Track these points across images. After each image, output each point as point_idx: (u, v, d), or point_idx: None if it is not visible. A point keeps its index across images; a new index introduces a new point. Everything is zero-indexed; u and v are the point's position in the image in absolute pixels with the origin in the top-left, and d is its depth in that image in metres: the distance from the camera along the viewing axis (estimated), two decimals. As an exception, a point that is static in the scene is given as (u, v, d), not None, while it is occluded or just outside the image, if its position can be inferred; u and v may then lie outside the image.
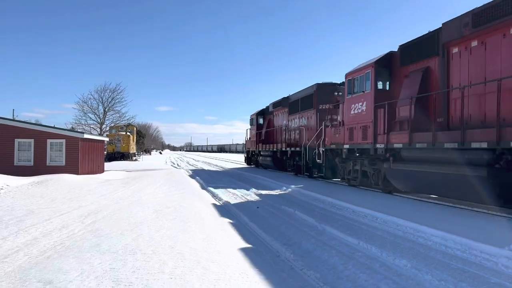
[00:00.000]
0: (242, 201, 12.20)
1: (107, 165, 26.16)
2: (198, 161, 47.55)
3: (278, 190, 14.64)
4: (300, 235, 7.44)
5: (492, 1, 8.50)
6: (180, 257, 5.29)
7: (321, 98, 18.36)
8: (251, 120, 30.38)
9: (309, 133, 18.86)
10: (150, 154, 75.78)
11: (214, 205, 11.12)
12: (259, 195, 13.47)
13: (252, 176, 21.00)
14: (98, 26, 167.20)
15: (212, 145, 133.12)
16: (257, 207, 10.76)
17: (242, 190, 14.82)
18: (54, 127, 20.71)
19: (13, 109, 74.89)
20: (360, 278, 5.04)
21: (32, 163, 18.35)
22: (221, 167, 31.35)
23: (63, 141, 18.75)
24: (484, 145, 8.12)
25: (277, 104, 24.75)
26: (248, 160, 32.08)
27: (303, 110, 20.21)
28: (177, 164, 38.44)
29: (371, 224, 8.25)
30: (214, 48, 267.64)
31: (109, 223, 7.79)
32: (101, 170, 21.96)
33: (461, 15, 9.35)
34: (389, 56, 12.54)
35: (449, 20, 9.70)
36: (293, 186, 14.80)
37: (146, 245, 5.88)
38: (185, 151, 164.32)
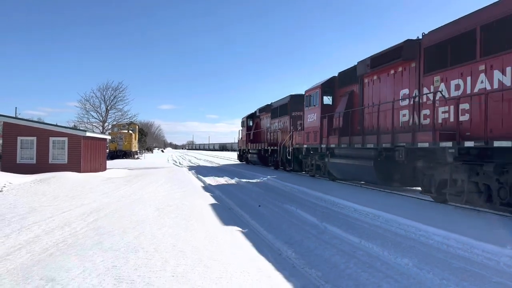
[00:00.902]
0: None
1: (109, 163, 26.22)
2: (200, 159, 47.63)
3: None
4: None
5: (379, 52, 12.68)
6: (182, 255, 5.31)
7: (293, 107, 21.98)
8: (242, 122, 34.26)
9: (284, 134, 22.79)
10: (152, 153, 75.91)
11: (216, 203, 11.13)
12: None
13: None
14: (101, 24, 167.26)
15: (214, 144, 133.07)
16: (259, 206, 10.78)
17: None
18: (56, 125, 20.79)
19: (16, 107, 75.11)
20: (361, 276, 5.04)
21: (34, 161, 18.41)
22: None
23: (66, 139, 18.80)
24: (372, 145, 12.31)
25: (262, 110, 28.80)
26: (240, 157, 36.34)
27: (280, 116, 24.37)
28: (179, 163, 38.50)
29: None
30: (215, 47, 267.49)
31: (111, 221, 7.82)
32: (103, 168, 22.02)
33: (365, 58, 13.47)
34: (332, 79, 16.72)
35: (360, 60, 13.90)
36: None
37: (148, 243, 5.90)
38: (187, 149, 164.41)
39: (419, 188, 11.17)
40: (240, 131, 35.32)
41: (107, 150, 33.25)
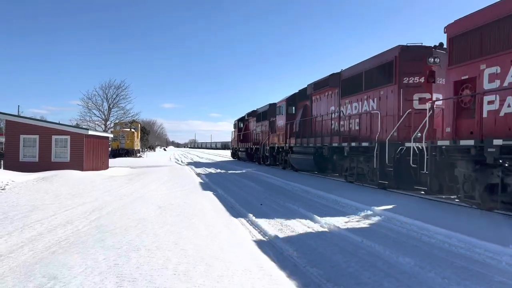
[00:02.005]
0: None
1: (111, 161, 26.24)
2: (201, 157, 47.78)
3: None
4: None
5: (318, 80, 18.04)
6: (183, 253, 5.32)
7: (271, 113, 25.87)
8: (234, 124, 39.18)
9: (264, 136, 27.56)
10: (154, 151, 75.98)
11: (217, 201, 11.13)
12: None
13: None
14: (105, 26, 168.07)
15: (216, 142, 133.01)
16: (261, 204, 10.78)
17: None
18: (59, 124, 20.82)
19: (18, 106, 75.16)
20: (363, 275, 5.04)
21: (37, 159, 18.47)
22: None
23: (68, 137, 18.85)
24: (312, 145, 17.56)
25: (250, 114, 33.85)
26: (233, 155, 42.14)
27: (262, 120, 28.74)
28: (181, 161, 38.54)
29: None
30: (217, 47, 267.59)
31: (113, 219, 7.84)
32: (105, 166, 22.07)
33: (311, 82, 18.92)
34: (295, 95, 22.26)
35: (309, 83, 19.26)
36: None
37: (150, 241, 5.91)
38: (189, 148, 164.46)
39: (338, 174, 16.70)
40: (233, 132, 40.64)
41: (109, 149, 33.30)
